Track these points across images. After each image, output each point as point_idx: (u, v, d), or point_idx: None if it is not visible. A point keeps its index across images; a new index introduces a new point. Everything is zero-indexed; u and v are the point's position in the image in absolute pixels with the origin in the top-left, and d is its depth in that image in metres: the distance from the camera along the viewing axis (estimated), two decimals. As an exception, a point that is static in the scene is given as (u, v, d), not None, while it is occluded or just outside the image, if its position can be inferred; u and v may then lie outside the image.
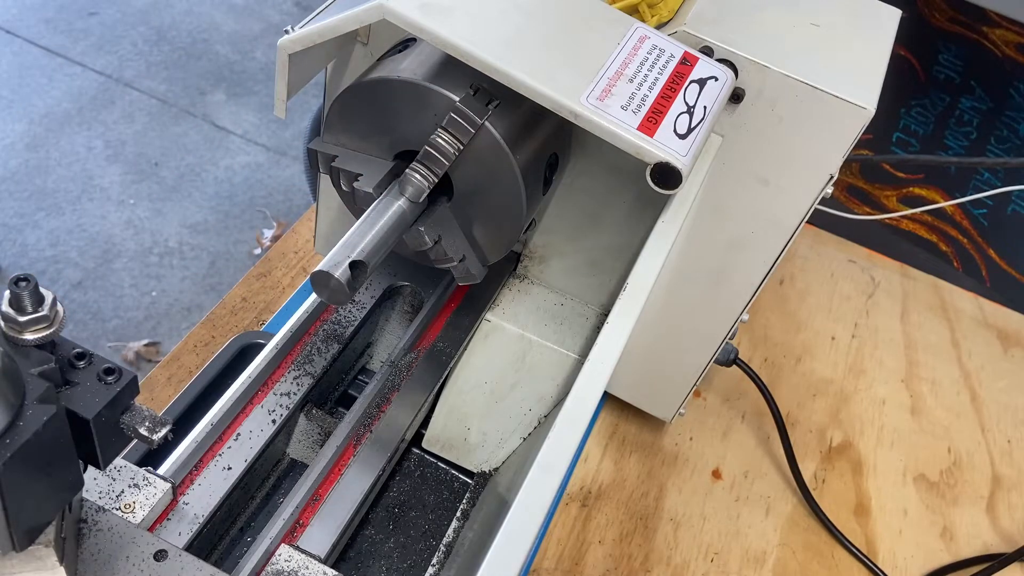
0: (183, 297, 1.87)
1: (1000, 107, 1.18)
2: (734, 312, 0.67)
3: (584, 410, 0.46)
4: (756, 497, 0.81)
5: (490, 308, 0.68)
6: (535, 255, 0.70)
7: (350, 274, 0.48)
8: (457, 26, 0.49)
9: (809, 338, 0.99)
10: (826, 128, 0.56)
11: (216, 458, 0.55)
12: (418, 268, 0.69)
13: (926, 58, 1.20)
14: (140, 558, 0.44)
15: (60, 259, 1.87)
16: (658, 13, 0.57)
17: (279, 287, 0.85)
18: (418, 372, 0.64)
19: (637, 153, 0.48)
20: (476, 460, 0.68)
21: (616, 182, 0.62)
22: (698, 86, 0.52)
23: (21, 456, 0.32)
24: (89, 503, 0.46)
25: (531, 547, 0.41)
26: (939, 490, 0.86)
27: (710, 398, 0.88)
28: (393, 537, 0.64)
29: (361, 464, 0.57)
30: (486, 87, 0.51)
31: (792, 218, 0.61)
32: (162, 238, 1.96)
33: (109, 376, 0.37)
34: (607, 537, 0.74)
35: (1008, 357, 1.03)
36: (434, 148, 0.51)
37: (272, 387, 0.60)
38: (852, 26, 0.62)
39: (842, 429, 0.90)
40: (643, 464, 0.80)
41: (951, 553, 0.81)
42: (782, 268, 0.97)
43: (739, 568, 0.75)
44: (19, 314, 0.35)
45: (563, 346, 0.66)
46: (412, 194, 0.52)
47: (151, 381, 0.74)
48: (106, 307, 1.82)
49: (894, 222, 1.23)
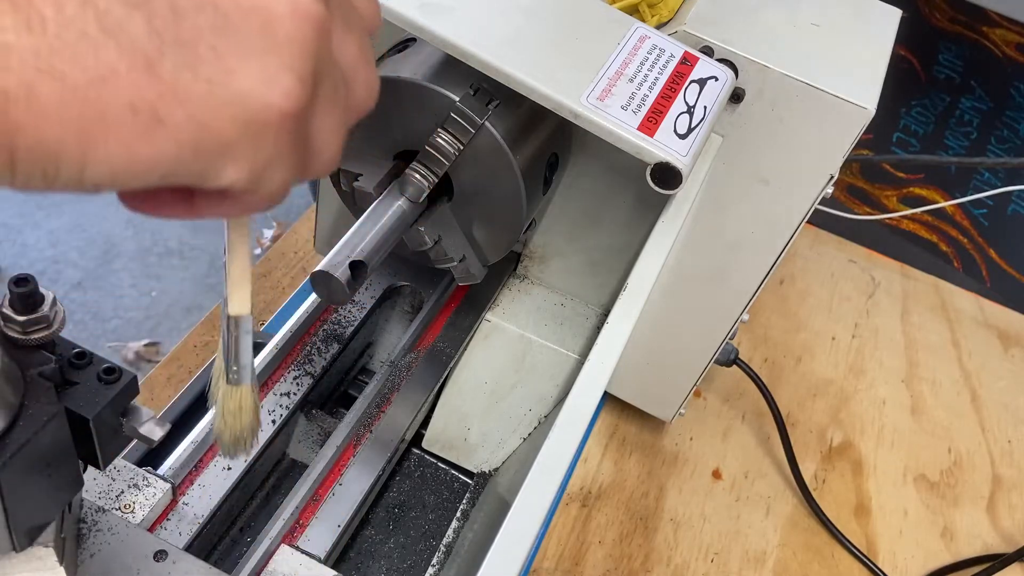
0: (183, 297, 1.87)
1: (1000, 107, 1.18)
2: (734, 312, 0.67)
3: (584, 410, 0.46)
4: (756, 497, 0.81)
5: (490, 308, 0.68)
6: (535, 255, 0.70)
7: (350, 274, 0.48)
8: (457, 26, 0.49)
9: (809, 338, 0.99)
10: (826, 128, 0.56)
11: (216, 458, 0.55)
12: (418, 268, 0.69)
13: (926, 58, 1.20)
14: (140, 558, 0.44)
15: (60, 259, 1.87)
16: (658, 13, 0.57)
17: (279, 287, 0.85)
18: (418, 372, 0.64)
19: (637, 153, 0.48)
20: (476, 460, 0.68)
21: (616, 182, 0.62)
22: (698, 86, 0.52)
23: (21, 456, 0.32)
24: (89, 503, 0.46)
25: (531, 547, 0.41)
26: (939, 490, 0.86)
27: (710, 398, 0.88)
28: (393, 537, 0.64)
29: (361, 464, 0.57)
30: (486, 87, 0.51)
31: (792, 218, 0.61)
32: (162, 238, 1.96)
33: (109, 376, 0.37)
34: (607, 537, 0.74)
35: (1008, 357, 1.03)
36: (434, 148, 0.51)
37: (272, 387, 0.60)
38: (852, 26, 0.62)
39: (842, 429, 0.90)
40: (643, 464, 0.80)
41: (951, 553, 0.81)
42: (782, 268, 0.97)
43: (739, 568, 0.75)
44: (19, 314, 0.35)
45: (563, 346, 0.66)
46: (412, 194, 0.52)
47: (151, 381, 0.74)
48: (106, 307, 1.82)
49: (894, 222, 1.23)
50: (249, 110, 0.23)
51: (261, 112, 0.24)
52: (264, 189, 0.26)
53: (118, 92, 0.22)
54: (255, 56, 0.23)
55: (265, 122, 0.24)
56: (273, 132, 0.24)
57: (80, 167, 0.22)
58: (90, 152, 0.22)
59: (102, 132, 0.22)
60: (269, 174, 0.25)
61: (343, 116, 0.28)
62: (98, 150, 0.22)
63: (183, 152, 0.23)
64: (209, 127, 0.23)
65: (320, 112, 0.27)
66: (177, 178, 0.24)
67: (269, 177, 0.26)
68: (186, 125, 0.23)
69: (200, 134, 0.23)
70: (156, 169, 0.23)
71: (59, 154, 0.22)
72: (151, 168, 0.23)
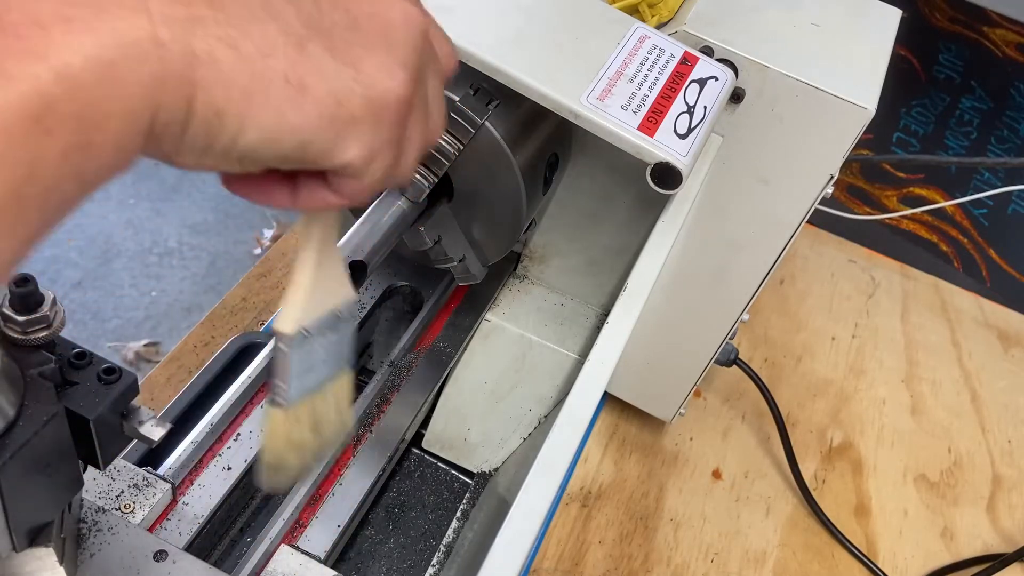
0: (183, 297, 1.87)
1: (1000, 107, 1.18)
2: (734, 312, 0.67)
3: (584, 410, 0.46)
4: (756, 497, 0.81)
5: (490, 308, 0.68)
6: (535, 255, 0.70)
7: (350, 274, 0.47)
8: (457, 26, 0.49)
9: (809, 338, 0.99)
10: (826, 128, 0.56)
11: (216, 458, 0.55)
12: (418, 268, 0.69)
13: (926, 58, 1.20)
14: (140, 558, 0.44)
15: (60, 259, 1.87)
16: (658, 13, 0.57)
17: (279, 287, 0.85)
18: (418, 372, 0.64)
19: (637, 153, 0.48)
20: (476, 460, 0.68)
21: (616, 182, 0.62)
22: (698, 86, 0.52)
23: (21, 456, 0.32)
24: (89, 503, 0.46)
25: (531, 547, 0.41)
26: (939, 490, 0.86)
27: (710, 398, 0.88)
28: (393, 537, 0.64)
29: (361, 464, 0.57)
30: (486, 87, 0.51)
31: (792, 218, 0.61)
32: (162, 238, 1.96)
33: (109, 376, 0.37)
34: (607, 537, 0.74)
35: (1008, 357, 1.03)
36: (434, 148, 0.51)
37: (272, 387, 0.60)
38: (852, 26, 0.62)
39: (842, 429, 0.89)
40: (643, 464, 0.80)
41: (951, 553, 0.81)
42: (782, 268, 0.97)
43: (739, 568, 0.75)
44: (19, 314, 0.35)
45: (563, 346, 0.66)
46: (412, 194, 0.52)
47: (151, 381, 0.74)
48: (106, 307, 1.82)
49: (894, 222, 1.23)
50: (375, 92, 0.28)
51: (383, 95, 0.28)
52: (368, 177, 0.29)
53: (277, 64, 0.25)
54: (377, 51, 0.28)
55: (385, 105, 0.28)
56: (390, 115, 0.28)
57: (238, 128, 0.25)
58: (248, 115, 0.25)
59: (262, 96, 0.25)
60: (378, 161, 0.29)
61: (424, 133, 0.32)
62: (255, 113, 0.25)
63: (322, 122, 0.26)
64: (343, 102, 0.27)
65: (414, 118, 0.30)
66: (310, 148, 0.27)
67: (376, 164, 0.29)
68: (326, 98, 0.26)
69: (336, 108, 0.27)
70: (297, 135, 0.26)
71: (224, 113, 0.24)
72: (294, 134, 0.26)
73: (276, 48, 0.25)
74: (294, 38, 0.26)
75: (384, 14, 0.28)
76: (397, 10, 0.29)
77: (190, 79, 0.23)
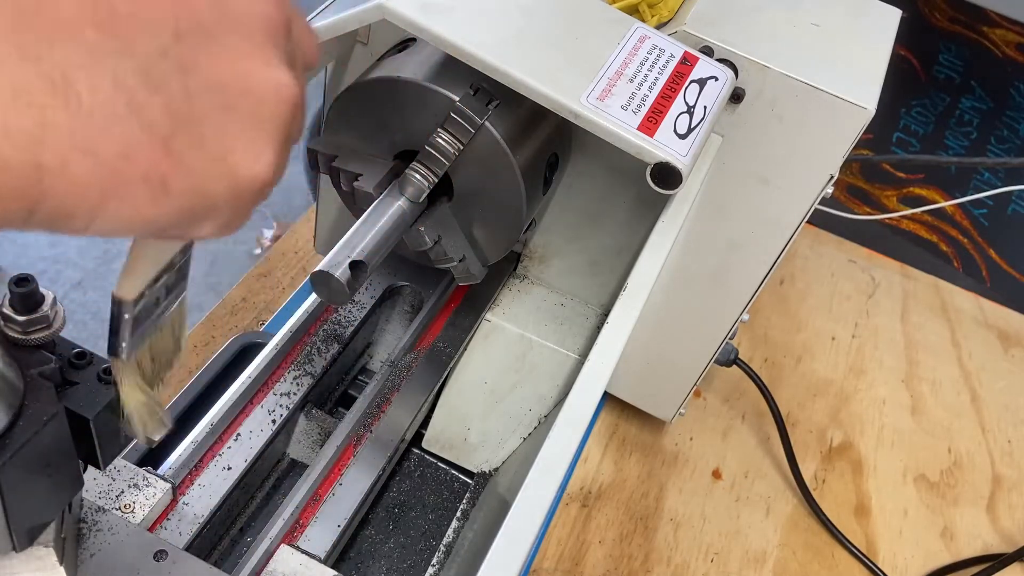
0: (183, 297, 1.86)
1: (1000, 107, 1.18)
2: (734, 312, 0.67)
3: (584, 410, 0.46)
4: (756, 497, 0.81)
5: (490, 308, 0.68)
6: (535, 255, 0.70)
7: (350, 274, 0.48)
8: (457, 26, 0.49)
9: (809, 338, 0.99)
10: (826, 128, 0.56)
11: (216, 458, 0.55)
12: (418, 268, 0.69)
13: (926, 58, 1.20)
14: (140, 558, 0.44)
15: (60, 259, 1.87)
16: (658, 13, 0.57)
17: (279, 287, 0.85)
18: (418, 372, 0.64)
19: (637, 153, 0.48)
20: (476, 460, 0.68)
21: (616, 182, 0.62)
22: (698, 86, 0.52)
23: (21, 456, 0.32)
24: (89, 503, 0.46)
25: (531, 547, 0.41)
26: (939, 490, 0.86)
27: (710, 398, 0.88)
28: (393, 537, 0.64)
29: (361, 464, 0.57)
30: (486, 87, 0.51)
31: (792, 218, 0.61)
32: (162, 238, 1.96)
33: (109, 376, 0.37)
34: (607, 537, 0.74)
35: (1008, 357, 1.03)
36: (434, 148, 0.51)
37: (272, 387, 0.60)
38: (852, 26, 0.62)
39: (842, 429, 0.90)
40: (643, 464, 0.80)
41: (951, 553, 0.81)
42: (782, 268, 0.97)
43: (739, 568, 0.75)
44: (19, 314, 0.35)
45: (563, 346, 0.66)
46: (412, 194, 0.52)
47: (151, 381, 0.74)
48: (106, 307, 1.81)
49: (894, 222, 1.23)
50: (240, 180, 0.27)
51: (250, 183, 0.27)
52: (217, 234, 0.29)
53: (137, 166, 0.24)
54: (248, 131, 0.27)
55: (248, 189, 0.27)
56: (251, 197, 0.28)
57: (87, 223, 0.24)
58: (100, 212, 0.24)
59: (117, 198, 0.24)
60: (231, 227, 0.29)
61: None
62: (109, 211, 0.24)
63: (181, 215, 0.26)
64: (205, 195, 0.26)
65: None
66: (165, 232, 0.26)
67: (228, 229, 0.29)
68: (188, 194, 0.26)
69: (197, 201, 0.26)
70: (152, 226, 0.26)
71: (74, 213, 0.24)
72: (148, 225, 0.25)
73: (139, 149, 0.24)
74: (159, 136, 0.24)
75: (257, 89, 0.27)
76: (270, 84, 0.27)
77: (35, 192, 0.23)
